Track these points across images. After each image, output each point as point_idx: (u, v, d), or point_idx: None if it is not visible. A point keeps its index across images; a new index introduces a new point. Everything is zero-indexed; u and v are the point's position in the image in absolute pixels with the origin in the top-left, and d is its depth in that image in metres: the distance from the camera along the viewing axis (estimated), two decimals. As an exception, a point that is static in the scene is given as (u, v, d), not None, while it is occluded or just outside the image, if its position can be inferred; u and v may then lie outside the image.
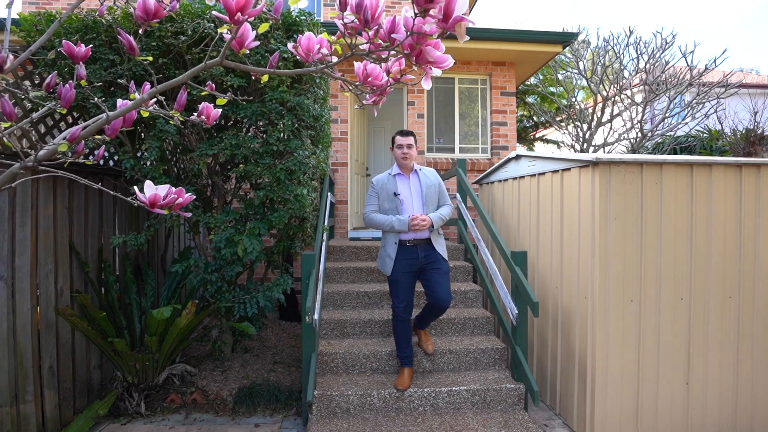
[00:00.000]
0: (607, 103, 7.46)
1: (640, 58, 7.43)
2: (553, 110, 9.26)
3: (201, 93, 1.26)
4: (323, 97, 3.22)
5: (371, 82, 1.23)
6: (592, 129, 7.58)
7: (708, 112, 7.19)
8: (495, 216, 4.26)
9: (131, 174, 2.81)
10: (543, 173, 3.25)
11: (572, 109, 8.20)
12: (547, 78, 9.56)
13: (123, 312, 3.33)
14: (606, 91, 7.43)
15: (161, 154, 2.79)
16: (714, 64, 7.20)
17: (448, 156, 5.85)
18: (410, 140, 2.85)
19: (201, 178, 3.30)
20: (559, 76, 8.38)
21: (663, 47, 7.22)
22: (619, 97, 7.40)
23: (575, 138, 7.89)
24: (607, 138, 7.58)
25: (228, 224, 2.98)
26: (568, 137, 8.18)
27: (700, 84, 7.22)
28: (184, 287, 3.81)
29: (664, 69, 7.18)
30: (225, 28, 1.00)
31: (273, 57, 1.22)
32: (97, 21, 2.52)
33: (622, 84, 7.39)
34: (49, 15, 2.45)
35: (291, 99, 2.74)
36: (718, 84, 7.27)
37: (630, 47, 7.49)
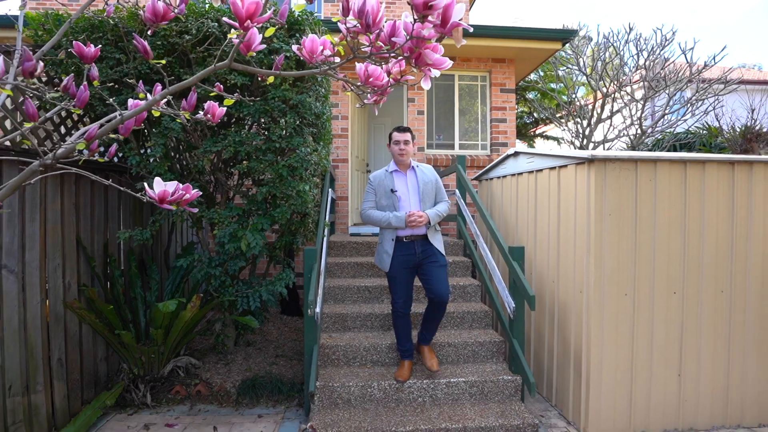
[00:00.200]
0: (607, 99, 7.49)
1: (639, 54, 7.46)
2: (553, 107, 9.30)
3: (210, 94, 1.32)
4: (324, 95, 3.27)
5: (372, 82, 1.28)
6: (592, 125, 7.62)
7: (707, 109, 7.23)
8: (494, 212, 4.32)
9: (137, 170, 2.87)
10: (541, 170, 3.30)
11: (572, 106, 8.24)
12: (547, 74, 9.59)
13: (128, 306, 3.40)
14: (606, 87, 7.46)
15: (166, 151, 2.84)
16: (713, 61, 7.23)
17: (448, 152, 5.90)
18: (407, 136, 2.86)
19: (204, 175, 3.35)
20: (559, 73, 8.40)
21: (663, 44, 7.25)
22: (619, 94, 7.43)
23: (575, 134, 7.93)
24: (606, 134, 7.62)
25: (231, 220, 3.04)
26: (568, 134, 8.22)
27: (700, 80, 7.25)
28: (188, 282, 3.88)
29: (664, 66, 7.21)
30: (234, 34, 1.05)
31: (278, 59, 1.28)
32: (103, 20, 2.57)
33: (622, 81, 7.42)
34: (56, 15, 2.50)
35: (293, 97, 2.79)
36: (717, 80, 7.30)
37: (630, 44, 7.52)
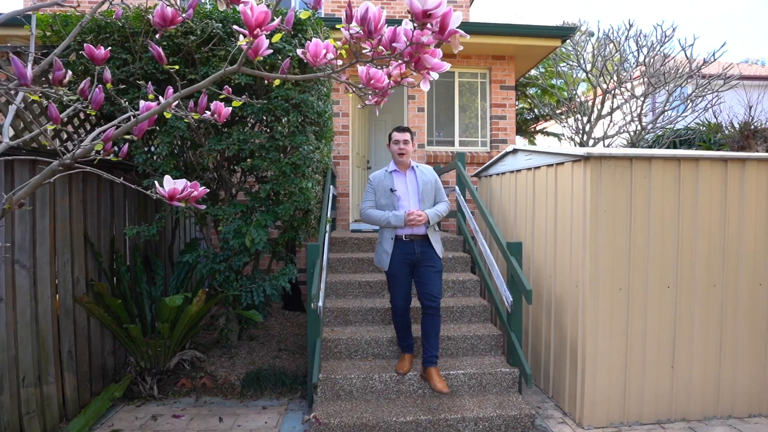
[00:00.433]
0: (607, 96, 7.53)
1: (639, 51, 7.49)
2: (553, 103, 9.32)
3: (220, 97, 1.38)
4: (326, 93, 3.33)
5: (374, 84, 1.34)
6: (592, 122, 7.66)
7: (707, 105, 7.26)
8: (493, 208, 4.39)
9: (143, 168, 2.93)
10: (539, 167, 3.36)
11: (572, 102, 8.27)
12: (548, 70, 9.61)
13: (134, 301, 3.47)
14: (606, 84, 7.50)
15: (171, 149, 2.90)
16: (713, 57, 7.25)
17: (448, 149, 5.95)
18: (407, 136, 2.87)
19: (207, 172, 3.42)
20: (560, 69, 8.43)
21: (662, 40, 7.28)
22: (619, 90, 7.47)
23: (575, 131, 7.97)
24: (607, 131, 7.66)
25: (235, 216, 3.11)
26: (569, 130, 8.26)
27: (700, 76, 7.27)
28: (192, 277, 3.95)
29: (664, 62, 7.24)
30: (244, 41, 1.11)
31: (285, 63, 1.34)
32: (110, 22, 2.62)
33: (622, 77, 7.45)
34: (64, 16, 2.55)
35: (296, 96, 2.85)
36: (717, 76, 7.32)
37: (630, 40, 7.55)
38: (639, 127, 7.39)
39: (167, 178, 1.20)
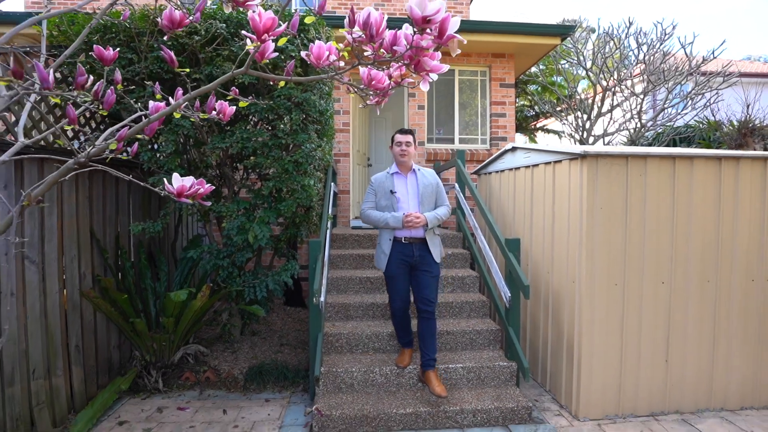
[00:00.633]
0: (608, 93, 7.56)
1: (639, 49, 7.52)
2: (553, 100, 9.36)
3: (227, 98, 1.43)
4: (328, 92, 3.38)
5: (375, 85, 1.39)
6: (592, 119, 7.69)
7: (706, 103, 7.29)
8: (492, 205, 4.44)
9: (148, 166, 2.99)
10: (537, 165, 3.41)
11: (573, 100, 8.30)
12: (548, 68, 9.63)
13: (139, 296, 3.54)
14: (606, 81, 7.53)
15: (176, 147, 2.96)
16: (713, 55, 7.28)
17: (448, 147, 6.00)
18: (409, 138, 2.89)
19: (211, 169, 3.47)
20: (560, 66, 8.46)
21: (662, 38, 7.30)
22: (619, 88, 7.50)
23: (575, 128, 8.00)
24: (607, 128, 7.69)
25: (238, 213, 3.17)
26: (569, 127, 8.29)
27: (699, 74, 7.30)
28: (195, 273, 4.01)
29: (664, 60, 7.26)
30: (252, 46, 1.16)
31: (289, 65, 1.39)
32: (116, 22, 2.66)
33: (622, 75, 7.48)
34: (71, 16, 2.60)
35: (298, 95, 2.90)
36: (717, 74, 7.35)
37: (630, 38, 7.57)
38: (639, 125, 7.42)
39: (176, 175, 1.25)
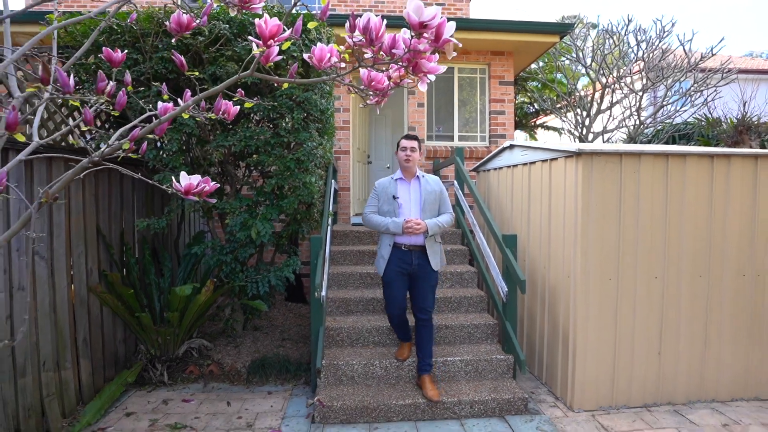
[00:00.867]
0: (607, 90, 7.60)
1: (639, 46, 7.55)
2: (553, 97, 9.40)
3: (233, 100, 1.49)
4: (328, 91, 3.44)
5: (374, 86, 1.46)
6: (591, 116, 7.74)
7: (705, 100, 7.33)
8: (491, 202, 4.50)
9: (153, 164, 3.05)
10: (534, 162, 3.48)
11: (572, 97, 8.34)
12: (548, 65, 9.67)
13: (143, 291, 3.61)
14: (606, 78, 7.57)
15: (180, 145, 3.02)
16: (711, 53, 7.32)
17: (448, 144, 6.05)
18: (414, 144, 2.88)
19: (214, 167, 3.53)
20: (560, 63, 8.50)
21: (661, 36, 7.34)
22: (618, 85, 7.54)
23: (575, 125, 8.05)
24: (606, 125, 7.73)
25: (241, 210, 3.23)
26: (568, 124, 8.34)
27: (698, 70, 7.33)
28: (199, 269, 4.08)
29: (663, 56, 7.30)
30: (258, 51, 1.22)
31: (293, 67, 1.45)
32: (121, 24, 2.72)
33: (621, 72, 7.52)
34: (78, 16, 2.65)
35: (299, 94, 2.96)
36: (716, 71, 7.38)
37: (629, 35, 7.61)
38: (638, 122, 7.47)
39: (183, 174, 1.32)
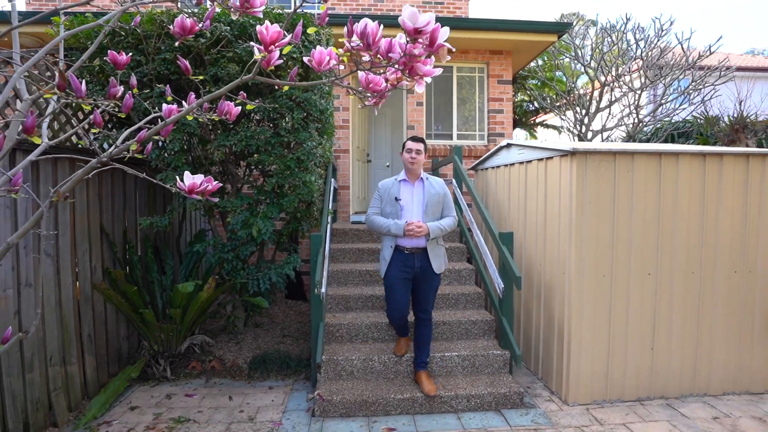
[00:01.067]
0: (606, 89, 7.64)
1: (637, 44, 7.59)
2: (552, 95, 9.43)
3: (236, 102, 1.54)
4: (328, 92, 3.49)
5: (372, 88, 1.51)
6: (590, 115, 7.78)
7: (703, 98, 7.37)
8: (489, 200, 4.56)
9: (155, 163, 3.11)
10: (530, 161, 3.53)
11: (571, 95, 8.38)
12: (547, 63, 9.70)
13: (146, 288, 3.67)
14: (605, 76, 7.61)
15: (182, 145, 3.07)
16: (709, 51, 7.35)
17: (446, 143, 6.10)
18: (420, 146, 2.87)
19: (215, 166, 3.59)
20: (559, 62, 8.53)
21: (659, 34, 7.38)
22: (617, 83, 7.58)
23: (574, 123, 8.08)
24: (605, 123, 7.77)
25: (242, 208, 3.29)
26: (568, 122, 8.38)
27: (696, 68, 7.37)
28: (200, 266, 4.14)
29: (662, 55, 7.34)
30: (259, 56, 1.28)
31: (293, 71, 1.50)
32: (125, 26, 2.77)
33: (620, 70, 7.56)
34: (81, 19, 2.70)
35: (299, 95, 3.01)
36: (715, 69, 7.42)
37: (628, 33, 7.64)
38: (636, 120, 7.51)
39: (187, 174, 1.37)
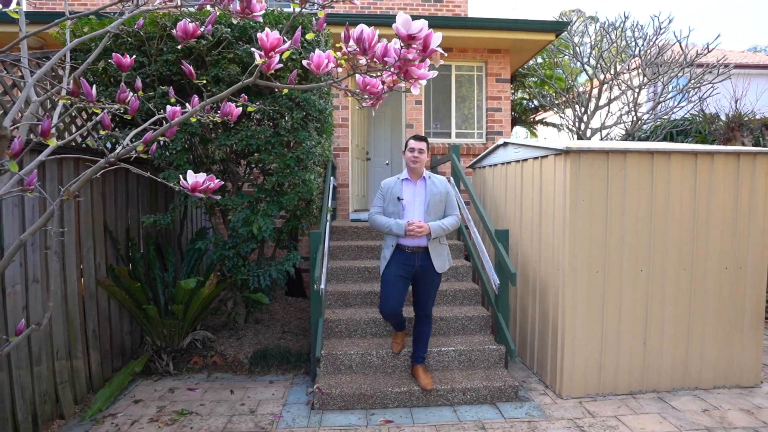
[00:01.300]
0: (605, 86, 7.68)
1: (635, 42, 7.63)
2: (552, 93, 9.47)
3: (237, 104, 1.60)
4: (327, 92, 3.55)
5: (369, 90, 1.57)
6: (589, 113, 7.83)
7: (702, 96, 7.41)
8: (486, 198, 4.62)
9: (158, 162, 3.17)
10: (526, 159, 3.59)
11: (571, 93, 8.42)
12: (547, 61, 9.73)
13: (148, 285, 3.73)
14: (604, 74, 7.65)
15: (184, 144, 3.13)
16: (707, 49, 7.39)
17: (445, 141, 6.16)
18: (422, 145, 2.86)
19: (215, 165, 3.65)
20: (558, 60, 8.57)
21: (657, 32, 7.42)
22: (616, 82, 7.62)
23: (573, 121, 8.13)
24: (605, 121, 7.81)
25: (243, 206, 3.35)
26: (567, 120, 8.43)
27: (695, 66, 7.41)
28: (202, 263, 4.21)
29: (660, 53, 7.38)
30: (260, 61, 1.34)
31: (292, 74, 1.56)
32: (128, 29, 2.82)
33: (619, 68, 7.60)
34: (85, 21, 2.76)
35: (298, 95, 3.07)
36: (713, 67, 7.46)
37: (627, 31, 7.68)
38: (635, 118, 7.56)
39: (190, 173, 1.42)
